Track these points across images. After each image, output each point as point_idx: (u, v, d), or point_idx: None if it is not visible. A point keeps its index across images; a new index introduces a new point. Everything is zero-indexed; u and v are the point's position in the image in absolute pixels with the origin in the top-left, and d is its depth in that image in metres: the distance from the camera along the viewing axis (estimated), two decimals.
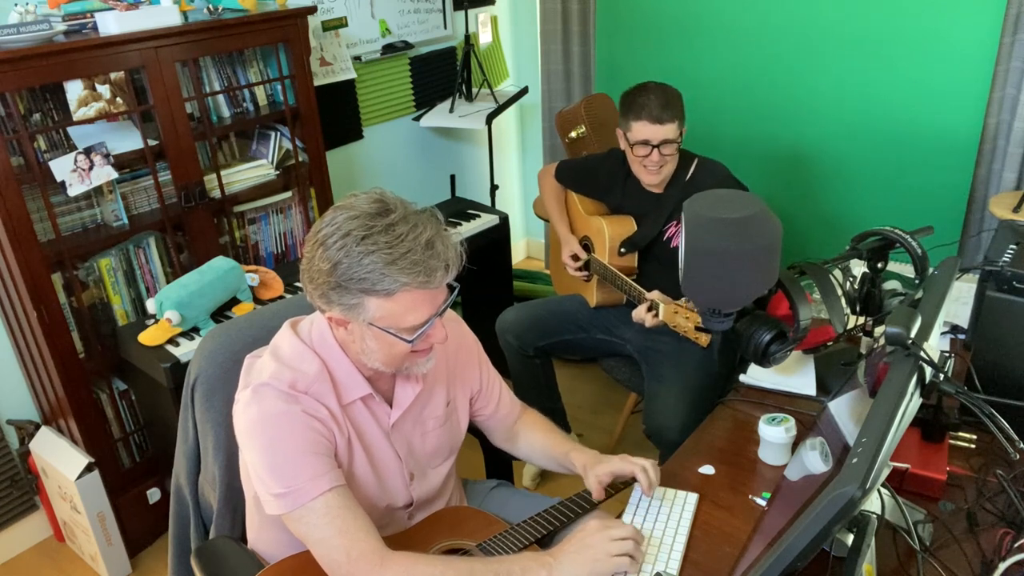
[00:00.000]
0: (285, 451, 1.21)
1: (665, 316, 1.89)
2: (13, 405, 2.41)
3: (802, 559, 0.96)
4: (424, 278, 1.16)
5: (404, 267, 1.14)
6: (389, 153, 3.40)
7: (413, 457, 1.42)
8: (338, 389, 1.30)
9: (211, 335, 1.52)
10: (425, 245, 1.17)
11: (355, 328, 1.23)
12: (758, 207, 1.39)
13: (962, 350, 1.78)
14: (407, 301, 1.18)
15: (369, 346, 1.24)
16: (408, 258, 1.14)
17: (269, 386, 1.24)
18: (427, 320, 1.21)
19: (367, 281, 1.14)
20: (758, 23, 3.16)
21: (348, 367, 1.30)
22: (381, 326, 1.20)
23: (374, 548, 1.20)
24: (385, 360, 1.26)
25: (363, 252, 1.14)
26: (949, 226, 2.92)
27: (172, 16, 2.16)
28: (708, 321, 1.48)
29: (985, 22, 2.68)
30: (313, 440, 1.23)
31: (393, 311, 1.18)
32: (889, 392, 1.04)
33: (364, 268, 1.14)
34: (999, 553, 1.21)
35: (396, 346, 1.23)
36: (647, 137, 2.12)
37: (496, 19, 3.78)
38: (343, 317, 1.21)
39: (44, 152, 2.11)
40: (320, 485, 1.20)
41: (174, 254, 2.40)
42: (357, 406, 1.33)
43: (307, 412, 1.24)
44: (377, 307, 1.18)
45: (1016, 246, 1.56)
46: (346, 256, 1.14)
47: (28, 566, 2.45)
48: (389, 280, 1.14)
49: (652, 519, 1.36)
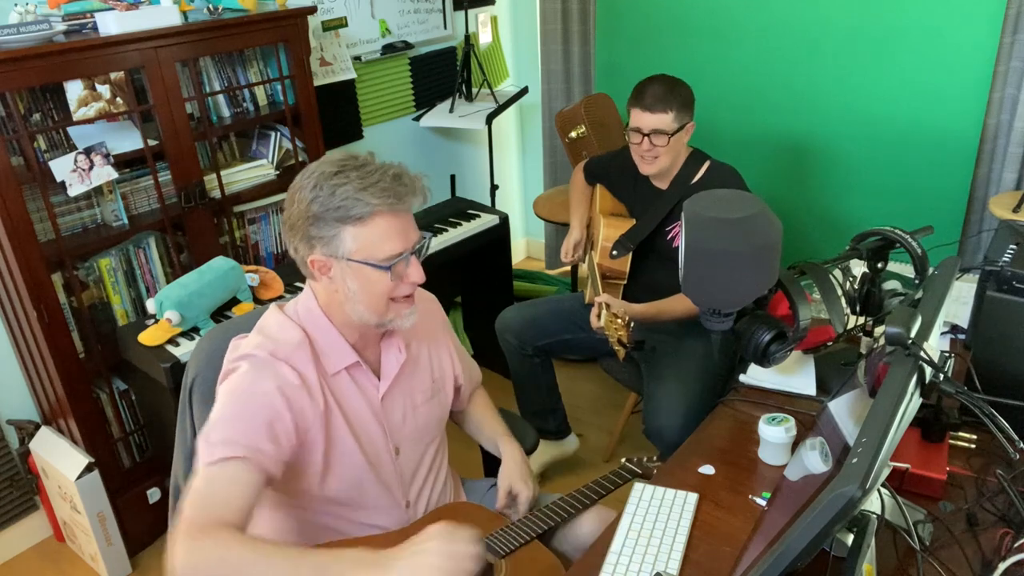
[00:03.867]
0: (239, 409, 1.24)
1: (604, 320, 1.95)
2: (13, 405, 2.41)
3: (802, 559, 0.96)
4: (394, 200, 1.24)
5: (375, 192, 1.23)
6: (389, 153, 3.40)
7: (401, 431, 1.45)
8: (322, 359, 1.33)
9: (209, 336, 1.52)
10: (393, 177, 1.26)
11: (336, 271, 1.29)
12: (758, 207, 1.39)
13: (962, 350, 1.78)
14: (381, 227, 1.25)
15: (350, 288, 1.29)
16: (378, 185, 1.24)
17: (249, 356, 1.29)
18: (401, 252, 1.27)
19: (342, 209, 1.23)
20: (758, 24, 3.16)
21: (333, 336, 1.34)
22: (359, 259, 1.26)
23: (213, 518, 1.13)
24: (368, 303, 1.30)
25: (336, 184, 1.23)
26: (949, 226, 2.92)
27: (172, 16, 2.16)
28: (708, 321, 1.48)
29: (985, 22, 2.68)
30: (266, 412, 1.24)
31: (369, 239, 1.25)
32: (889, 392, 1.04)
33: (338, 198, 1.23)
34: (999, 553, 1.21)
35: (377, 283, 1.28)
36: (638, 125, 2.13)
37: (496, 19, 3.78)
38: (324, 257, 1.27)
39: (44, 152, 2.11)
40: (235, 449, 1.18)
41: (174, 254, 2.40)
42: (343, 377, 1.36)
43: (279, 384, 1.26)
44: (353, 237, 1.25)
45: (1016, 246, 1.56)
46: (320, 191, 1.24)
47: (28, 566, 2.45)
48: (362, 204, 1.23)
49: (652, 519, 1.36)
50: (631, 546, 1.31)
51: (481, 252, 3.08)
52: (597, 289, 2.23)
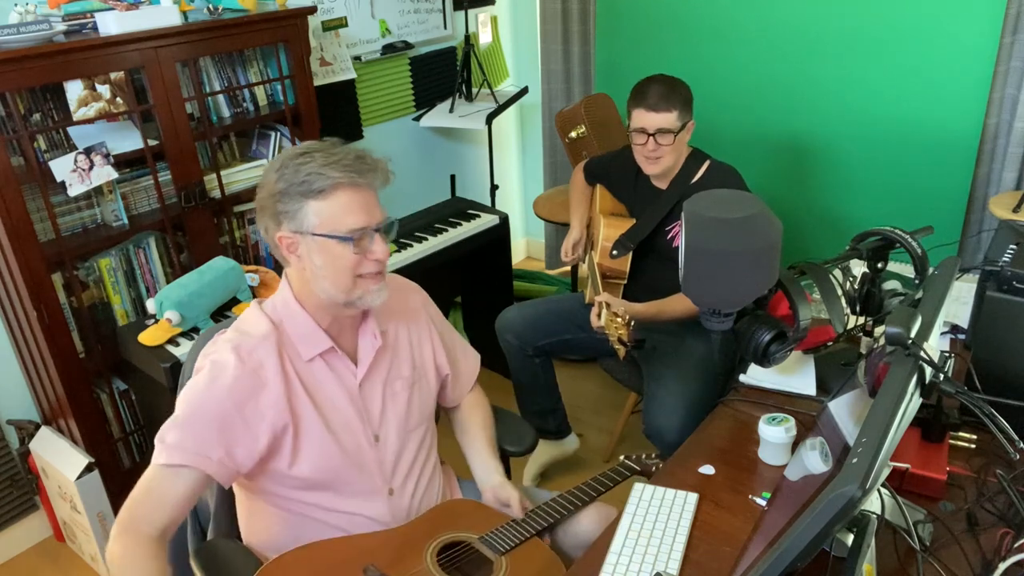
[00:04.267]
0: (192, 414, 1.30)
1: (604, 319, 1.95)
2: (13, 405, 2.41)
3: (802, 559, 0.96)
4: (355, 174, 1.30)
5: (336, 167, 1.29)
6: (389, 153, 3.33)
7: (380, 418, 1.46)
8: (296, 346, 1.37)
9: (205, 337, 1.52)
10: (356, 156, 1.32)
11: (303, 249, 1.33)
12: (758, 207, 1.39)
13: (962, 350, 1.78)
14: (343, 200, 1.30)
15: (316, 265, 1.32)
16: (341, 162, 1.30)
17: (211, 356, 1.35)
18: (364, 227, 1.31)
19: (305, 184, 1.28)
20: (758, 24, 3.16)
21: (305, 322, 1.38)
22: (322, 232, 1.30)
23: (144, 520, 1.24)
24: (333, 279, 1.33)
25: (301, 162, 1.30)
26: (949, 226, 2.92)
27: (172, 16, 2.16)
28: (708, 321, 1.48)
29: (985, 22, 2.68)
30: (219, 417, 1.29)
31: (331, 213, 1.29)
32: (889, 392, 1.04)
33: (302, 173, 1.29)
34: (999, 553, 1.21)
35: (341, 258, 1.31)
36: (643, 125, 2.13)
37: (496, 19, 3.78)
38: (291, 233, 1.32)
39: (44, 152, 2.11)
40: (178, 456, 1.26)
41: (174, 254, 2.40)
42: (318, 365, 1.39)
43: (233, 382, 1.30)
44: (316, 211, 1.29)
45: (1016, 246, 1.56)
46: (286, 169, 1.30)
47: (28, 566, 2.45)
48: (324, 178, 1.28)
49: (652, 519, 1.36)
50: (631, 546, 1.31)
51: (481, 252, 3.08)
52: (597, 288, 2.23)
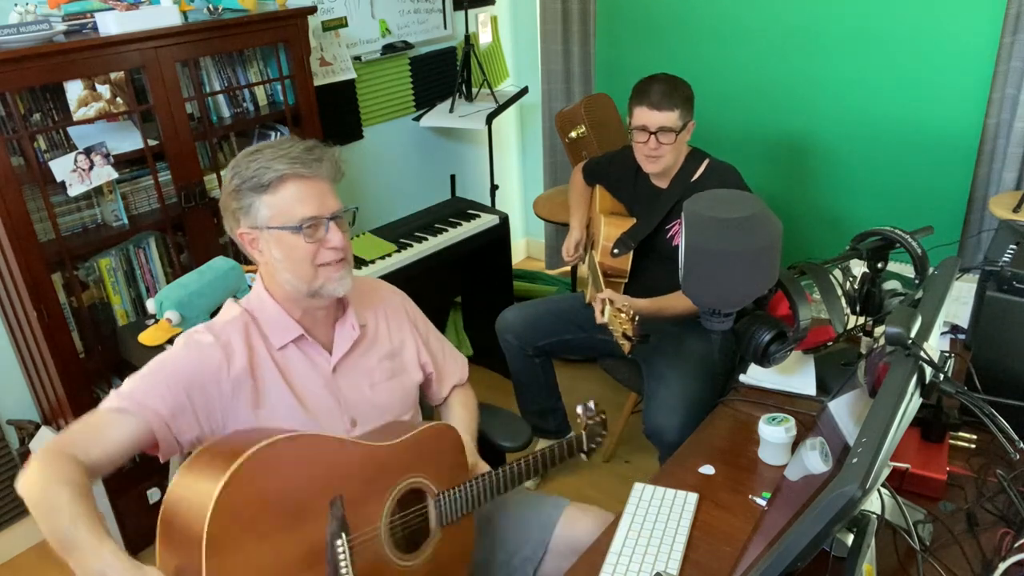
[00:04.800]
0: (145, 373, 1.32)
1: (608, 315, 1.95)
2: (13, 405, 2.41)
3: (802, 559, 0.96)
4: (301, 167, 1.32)
5: (283, 160, 1.31)
6: (389, 153, 3.40)
7: (358, 406, 1.47)
8: (265, 332, 1.39)
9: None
10: (304, 148, 1.34)
11: (263, 243, 1.36)
12: (758, 207, 1.39)
13: (962, 350, 1.78)
14: (291, 191, 1.32)
15: (275, 257, 1.35)
16: (289, 154, 1.32)
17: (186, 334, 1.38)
18: (315, 215, 1.32)
19: (255, 179, 1.31)
20: (758, 24, 3.16)
21: (276, 311, 1.41)
22: (275, 225, 1.33)
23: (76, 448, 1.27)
24: (294, 270, 1.35)
25: (252, 159, 1.33)
26: (949, 226, 2.92)
27: (172, 16, 2.16)
28: (708, 321, 1.48)
29: (985, 22, 2.68)
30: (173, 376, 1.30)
31: (281, 205, 1.32)
32: (889, 392, 1.04)
33: (251, 169, 1.32)
34: (999, 553, 1.21)
35: (296, 249, 1.33)
36: (645, 123, 2.13)
37: (496, 19, 3.78)
38: (249, 228, 1.35)
39: (44, 152, 2.11)
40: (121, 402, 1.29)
41: (174, 254, 2.40)
42: (291, 351, 1.41)
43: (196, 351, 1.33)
44: (268, 205, 1.32)
45: (1016, 246, 1.56)
46: (239, 167, 1.33)
47: (28, 566, 2.45)
48: (271, 172, 1.30)
49: (652, 519, 1.36)
50: (631, 546, 1.31)
51: (481, 252, 3.08)
52: (599, 286, 2.23)
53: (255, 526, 1.14)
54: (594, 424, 1.74)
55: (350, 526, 1.24)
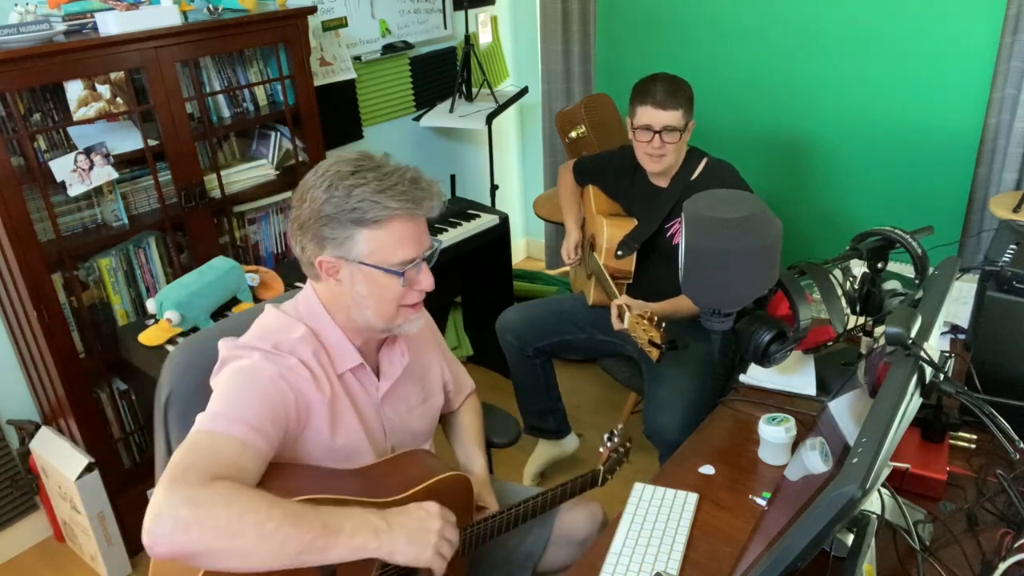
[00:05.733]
0: (238, 389, 1.19)
1: (629, 324, 1.92)
2: (13, 405, 2.41)
3: (802, 559, 0.96)
4: (412, 205, 1.23)
5: (393, 195, 1.21)
6: (389, 153, 3.39)
7: (397, 432, 1.44)
8: (330, 356, 1.30)
9: (180, 350, 1.47)
10: (411, 180, 1.24)
11: (345, 274, 1.26)
12: (758, 207, 1.39)
13: (962, 350, 1.78)
14: (397, 231, 1.23)
15: (359, 293, 1.27)
16: (396, 188, 1.22)
17: (251, 348, 1.25)
18: (415, 258, 1.26)
19: (358, 211, 1.20)
20: (758, 24, 3.16)
21: (338, 335, 1.32)
22: (371, 263, 1.24)
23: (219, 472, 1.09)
24: (376, 309, 1.28)
25: (352, 185, 1.21)
26: (949, 226, 2.92)
27: (172, 16, 2.16)
28: (708, 321, 1.48)
29: (985, 22, 2.68)
30: (273, 399, 1.20)
31: (383, 243, 1.23)
32: (889, 392, 1.04)
33: (355, 199, 1.20)
34: (999, 553, 1.21)
35: (387, 289, 1.26)
36: (649, 122, 2.13)
37: (496, 19, 3.78)
38: (335, 258, 1.25)
39: (44, 152, 2.11)
40: (233, 428, 1.13)
41: (174, 254, 2.40)
42: (348, 377, 1.34)
43: (283, 374, 1.22)
44: (367, 240, 1.23)
45: (1016, 246, 1.56)
46: (336, 191, 1.21)
47: (28, 566, 2.45)
48: (379, 208, 1.20)
49: (652, 519, 1.36)
50: (631, 546, 1.31)
51: (481, 252, 3.08)
52: (612, 291, 2.20)
53: None
54: (616, 457, 1.64)
55: None
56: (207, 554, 1.03)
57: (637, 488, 1.44)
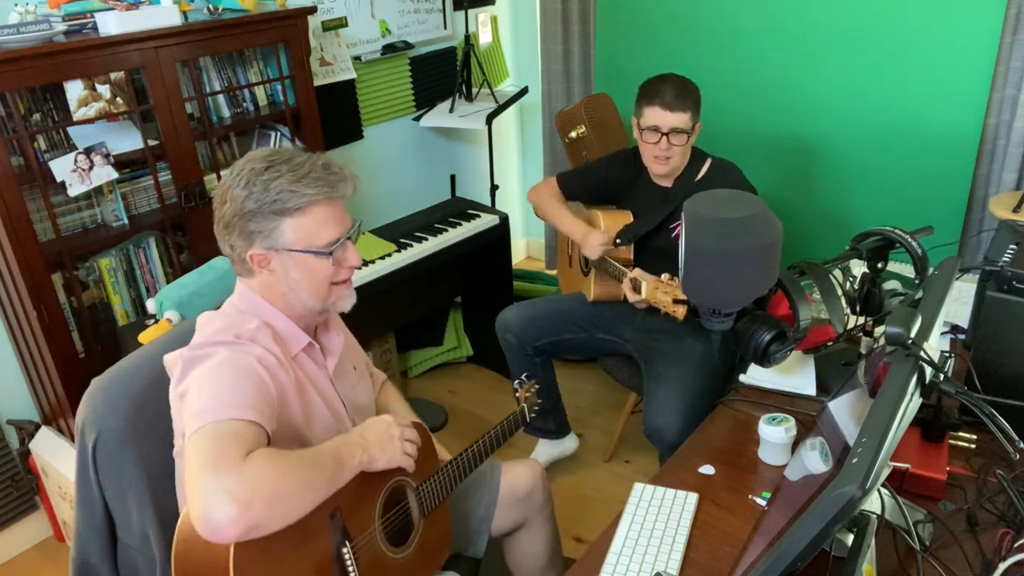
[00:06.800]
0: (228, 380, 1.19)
1: (647, 292, 1.94)
2: (13, 405, 2.41)
3: (802, 559, 0.96)
4: (328, 188, 1.29)
5: (308, 183, 1.27)
6: (389, 153, 3.40)
7: (352, 405, 1.49)
8: (283, 341, 1.34)
9: (99, 387, 1.40)
10: (323, 166, 1.31)
11: (277, 263, 1.31)
12: (758, 207, 1.39)
13: (962, 350, 1.78)
14: (318, 215, 1.29)
15: (293, 278, 1.32)
16: (311, 176, 1.28)
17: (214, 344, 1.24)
18: (339, 238, 1.32)
19: (279, 202, 1.26)
20: (758, 24, 3.16)
21: (284, 320, 1.37)
22: (300, 248, 1.30)
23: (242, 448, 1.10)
24: (311, 290, 1.33)
25: (269, 179, 1.27)
26: (949, 226, 2.92)
27: (172, 16, 2.16)
28: (708, 321, 1.48)
29: (985, 22, 2.68)
30: (259, 382, 1.22)
31: (307, 228, 1.29)
32: (889, 392, 1.04)
33: (273, 191, 1.26)
34: (999, 553, 1.21)
35: (318, 270, 1.32)
36: (657, 124, 2.12)
37: (496, 19, 3.78)
38: (264, 251, 1.30)
39: (44, 152, 2.11)
40: (243, 413, 1.14)
41: (174, 254, 2.40)
42: (301, 357, 1.39)
43: (260, 360, 1.25)
44: (292, 228, 1.28)
45: (1016, 246, 1.56)
46: (254, 187, 1.26)
47: (28, 566, 2.45)
48: (298, 196, 1.26)
49: (652, 519, 1.36)
50: (631, 546, 1.31)
51: (481, 252, 3.08)
52: (619, 270, 2.20)
53: (270, 551, 1.15)
54: (532, 396, 1.82)
55: (350, 533, 1.28)
56: (268, 520, 1.08)
57: (637, 488, 1.44)
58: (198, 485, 1.06)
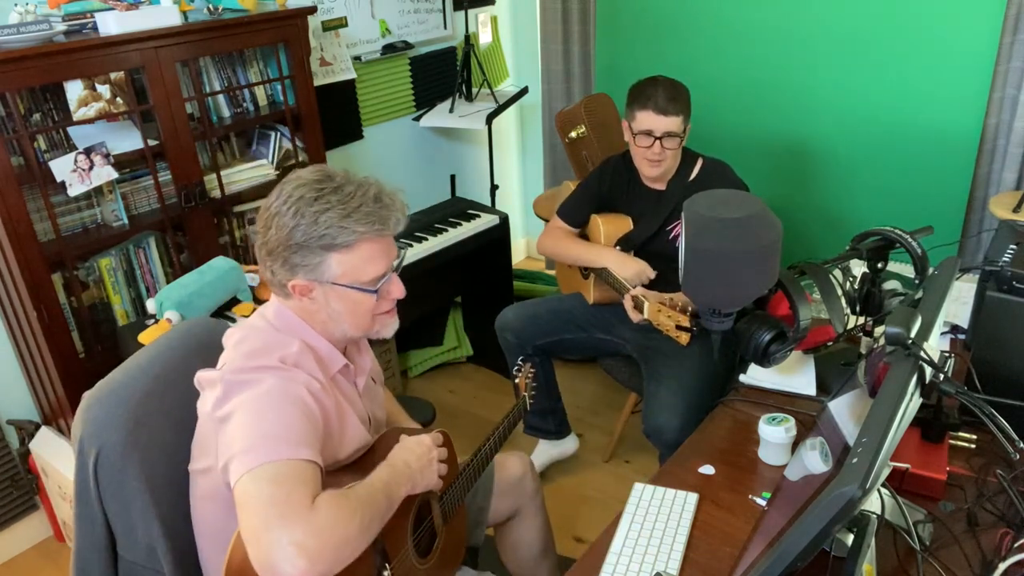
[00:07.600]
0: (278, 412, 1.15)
1: (649, 314, 1.91)
2: (13, 405, 2.41)
3: (802, 559, 0.96)
4: (380, 225, 1.24)
5: (359, 218, 1.22)
6: (389, 153, 3.40)
7: (376, 424, 1.49)
8: (323, 363, 1.31)
9: (95, 402, 1.35)
10: (374, 198, 1.25)
11: (319, 294, 1.27)
12: (758, 207, 1.39)
13: (962, 350, 1.78)
14: (366, 252, 1.25)
15: (335, 309, 1.29)
16: (361, 210, 1.22)
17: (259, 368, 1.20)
18: (385, 273, 1.29)
19: (327, 237, 1.21)
20: (758, 23, 3.16)
21: (323, 343, 1.33)
22: (344, 283, 1.26)
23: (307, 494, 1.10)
24: (352, 322, 1.31)
25: (318, 211, 1.21)
26: (949, 226, 2.92)
27: (172, 16, 2.16)
28: (708, 321, 1.48)
29: (985, 22, 2.68)
30: (309, 413, 1.19)
31: (354, 264, 1.25)
32: (889, 392, 1.04)
33: (322, 225, 1.21)
34: (999, 553, 1.21)
35: (361, 303, 1.29)
36: (650, 127, 2.12)
37: (496, 19, 3.78)
38: (307, 282, 1.26)
39: (44, 152, 2.11)
40: (300, 452, 1.12)
41: (174, 254, 2.40)
42: (337, 378, 1.37)
43: (308, 388, 1.21)
44: (339, 263, 1.24)
45: (1016, 246, 1.56)
46: (303, 218, 1.21)
47: (28, 566, 2.45)
48: (347, 232, 1.22)
49: (652, 519, 1.36)
50: (631, 546, 1.31)
51: (481, 252, 3.08)
52: (621, 285, 2.20)
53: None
54: (530, 380, 1.87)
55: (389, 555, 1.29)
56: (334, 568, 1.08)
57: (637, 488, 1.44)
58: (264, 535, 1.04)
